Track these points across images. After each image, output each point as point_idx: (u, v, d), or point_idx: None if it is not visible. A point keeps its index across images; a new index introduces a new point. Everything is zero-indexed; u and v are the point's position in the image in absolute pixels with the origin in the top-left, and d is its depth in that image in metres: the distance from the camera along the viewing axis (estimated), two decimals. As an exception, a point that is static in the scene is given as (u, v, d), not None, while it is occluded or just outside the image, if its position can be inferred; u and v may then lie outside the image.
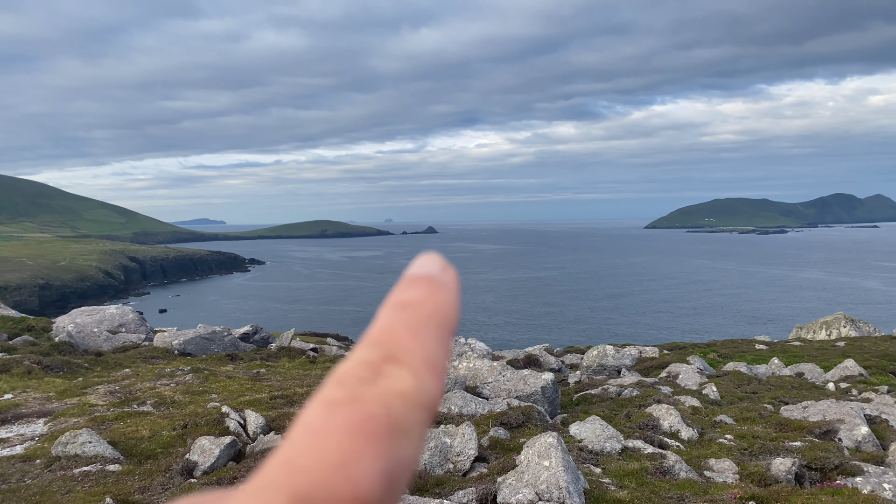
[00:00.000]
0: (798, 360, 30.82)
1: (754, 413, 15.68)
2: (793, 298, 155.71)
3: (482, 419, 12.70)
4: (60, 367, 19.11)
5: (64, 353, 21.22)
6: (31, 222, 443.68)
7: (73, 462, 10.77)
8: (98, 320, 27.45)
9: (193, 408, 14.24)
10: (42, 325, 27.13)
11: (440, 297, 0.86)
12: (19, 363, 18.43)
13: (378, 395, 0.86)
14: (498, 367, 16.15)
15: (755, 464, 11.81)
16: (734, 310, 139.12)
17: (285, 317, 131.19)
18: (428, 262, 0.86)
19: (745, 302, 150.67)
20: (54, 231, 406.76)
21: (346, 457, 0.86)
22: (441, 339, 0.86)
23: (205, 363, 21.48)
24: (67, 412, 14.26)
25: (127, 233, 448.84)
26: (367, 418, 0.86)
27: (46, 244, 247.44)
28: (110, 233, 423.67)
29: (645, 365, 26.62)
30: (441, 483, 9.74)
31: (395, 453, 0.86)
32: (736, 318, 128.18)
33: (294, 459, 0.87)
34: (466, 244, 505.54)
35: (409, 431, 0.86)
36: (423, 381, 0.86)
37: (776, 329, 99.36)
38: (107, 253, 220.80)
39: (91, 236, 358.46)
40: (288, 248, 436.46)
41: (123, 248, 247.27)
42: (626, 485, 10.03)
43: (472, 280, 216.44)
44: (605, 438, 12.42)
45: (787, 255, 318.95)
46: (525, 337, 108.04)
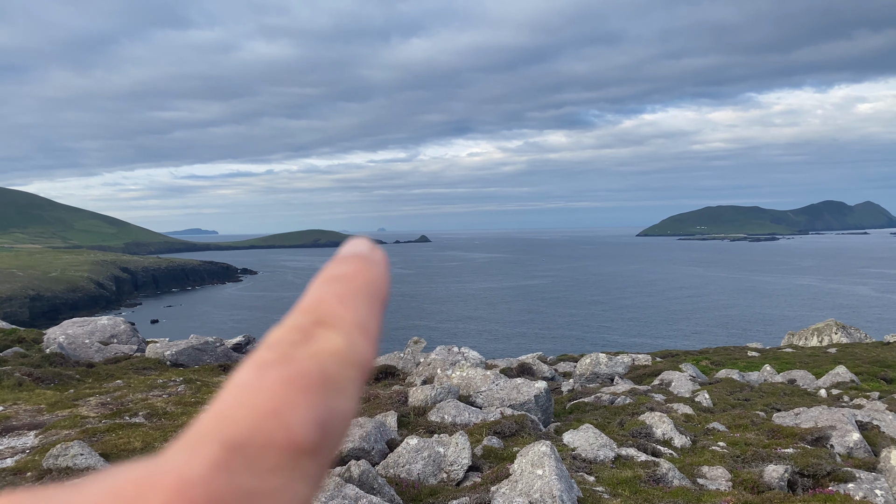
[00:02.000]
0: (790, 366, 30.94)
1: (747, 420, 15.73)
2: (785, 305, 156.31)
3: (475, 428, 12.70)
4: (52, 379, 18.99)
5: (55, 365, 21.10)
6: (22, 233, 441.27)
7: (65, 475, 10.70)
8: (89, 331, 27.30)
9: (186, 419, 14.17)
10: (33, 336, 26.96)
11: (370, 271, 0.87)
12: (10, 375, 18.30)
13: (310, 354, 0.87)
14: (491, 375, 16.14)
15: (748, 471, 11.84)
16: (726, 317, 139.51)
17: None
18: (358, 243, 0.87)
19: (737, 309, 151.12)
20: (45, 242, 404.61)
21: (279, 407, 0.86)
22: (372, 308, 0.87)
23: (197, 374, 21.39)
24: (58, 424, 14.17)
25: (118, 243, 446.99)
26: (299, 374, 0.87)
27: (37, 255, 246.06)
28: (102, 243, 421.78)
29: (638, 373, 26.66)
30: (435, 492, 9.74)
31: (330, 405, 0.86)
32: (728, 325, 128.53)
33: (225, 412, 0.86)
34: (459, 253, 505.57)
35: (342, 386, 0.87)
36: (354, 342, 0.87)
37: (768, 336, 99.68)
38: (98, 264, 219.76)
39: (82, 247, 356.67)
40: (280, 258, 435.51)
41: (115, 259, 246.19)
42: (619, 493, 10.04)
43: (464, 289, 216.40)
44: (599, 447, 12.44)
45: (779, 262, 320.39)
46: (517, 345, 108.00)
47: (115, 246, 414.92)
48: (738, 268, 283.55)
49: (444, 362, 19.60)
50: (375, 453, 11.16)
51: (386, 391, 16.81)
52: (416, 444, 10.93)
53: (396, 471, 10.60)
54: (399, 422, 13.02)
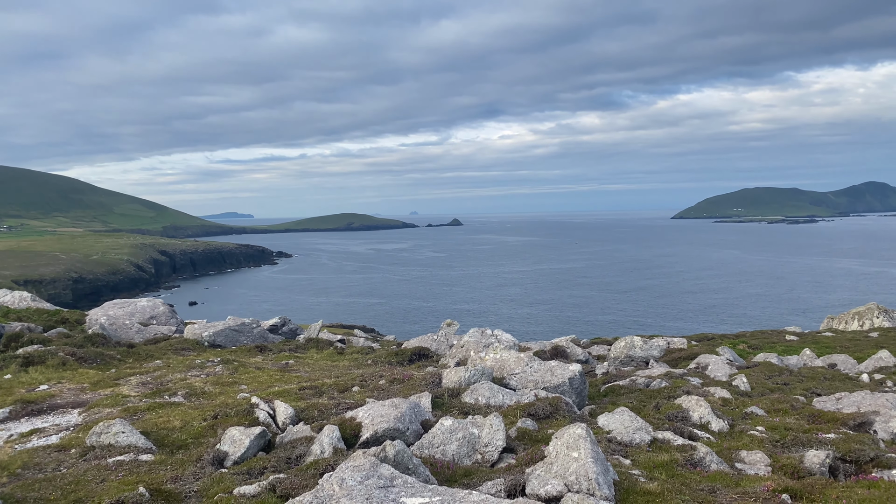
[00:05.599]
0: (830, 350, 30.31)
1: (786, 405, 15.44)
2: (824, 288, 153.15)
3: (510, 410, 12.67)
4: (94, 359, 19.44)
5: (97, 345, 21.60)
6: (65, 217, 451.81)
7: (107, 452, 10.96)
8: (130, 313, 27.89)
9: (223, 398, 14.40)
10: (76, 317, 27.64)
11: None
12: (54, 354, 18.79)
13: None
14: (525, 358, 16.08)
15: (788, 456, 11.63)
16: (763, 300, 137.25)
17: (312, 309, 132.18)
18: None
19: (775, 292, 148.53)
20: (86, 225, 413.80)
21: None
22: None
23: (234, 354, 21.72)
24: (101, 403, 14.52)
25: (157, 227, 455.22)
26: None
27: (79, 239, 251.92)
28: (141, 227, 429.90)
29: (673, 356, 26.36)
30: (469, 473, 9.74)
31: None
32: (765, 308, 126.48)
33: None
34: (492, 236, 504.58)
35: None
36: None
37: (807, 320, 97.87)
38: (137, 247, 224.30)
39: (122, 230, 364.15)
40: (315, 241, 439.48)
41: (154, 242, 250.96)
42: (656, 476, 9.93)
43: (498, 272, 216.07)
44: (634, 430, 12.32)
45: (818, 244, 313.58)
46: (550, 328, 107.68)
47: (153, 229, 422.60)
48: (777, 250, 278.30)
49: (477, 344, 19.60)
50: (410, 434, 11.20)
51: (420, 373, 16.88)
52: (451, 425, 10.94)
53: (431, 451, 10.63)
54: (433, 403, 13.05)
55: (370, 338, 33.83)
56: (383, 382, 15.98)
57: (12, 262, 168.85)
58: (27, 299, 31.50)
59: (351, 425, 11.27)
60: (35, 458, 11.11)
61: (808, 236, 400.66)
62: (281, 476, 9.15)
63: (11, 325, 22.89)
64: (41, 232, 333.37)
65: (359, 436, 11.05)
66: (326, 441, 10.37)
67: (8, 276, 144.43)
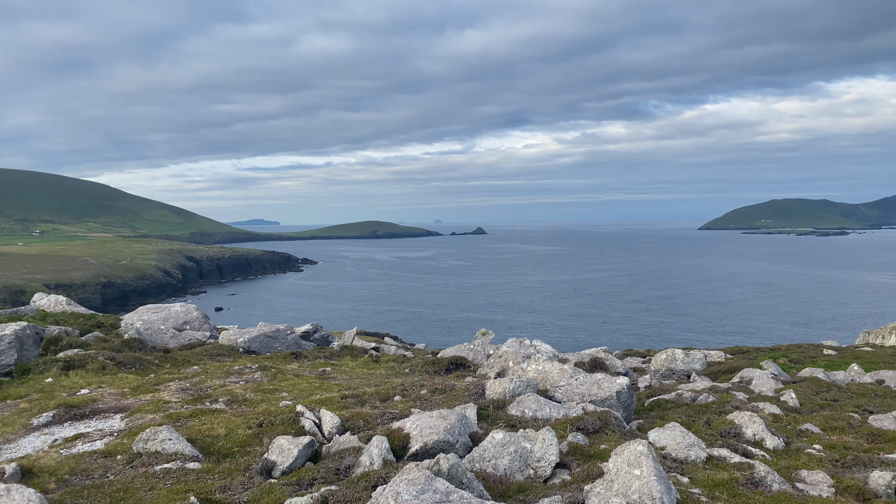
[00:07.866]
0: (873, 366, 29.46)
1: (842, 422, 14.92)
2: (857, 302, 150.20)
3: (558, 424, 12.34)
4: (132, 364, 19.44)
5: (134, 350, 21.62)
6: (95, 222, 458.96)
7: (154, 459, 10.83)
8: (164, 318, 27.96)
9: (266, 406, 14.24)
10: (111, 321, 27.76)
11: None
12: (94, 359, 18.81)
13: None
14: (568, 370, 15.74)
15: (851, 477, 11.17)
16: (795, 313, 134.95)
17: (338, 315, 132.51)
18: None
19: (806, 306, 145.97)
20: (116, 231, 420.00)
21: None
22: None
23: (270, 361, 21.61)
24: (143, 408, 14.44)
25: (184, 233, 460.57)
26: None
27: (108, 244, 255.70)
28: (168, 233, 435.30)
29: (713, 370, 25.80)
30: (523, 489, 9.45)
31: None
32: (796, 322, 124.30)
33: None
34: (516, 245, 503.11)
35: None
36: None
37: (840, 334, 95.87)
38: (165, 252, 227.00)
39: (150, 236, 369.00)
40: (340, 249, 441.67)
41: (181, 248, 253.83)
42: (717, 496, 9.57)
43: (521, 281, 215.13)
44: (687, 446, 11.94)
45: (850, 257, 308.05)
46: (575, 339, 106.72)
47: (180, 235, 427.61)
48: (806, 263, 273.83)
49: (515, 355, 19.27)
50: (460, 447, 10.93)
51: (461, 383, 16.60)
52: (502, 438, 10.65)
53: (482, 465, 10.35)
54: (478, 415, 12.78)
55: (401, 346, 33.62)
56: (425, 392, 15.72)
57: (44, 267, 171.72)
58: (62, 303, 31.75)
59: (399, 436, 11.02)
60: (82, 463, 11.01)
61: (839, 249, 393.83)
62: (332, 488, 8.93)
63: (50, 329, 23.00)
64: (72, 237, 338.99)
65: (407, 447, 10.80)
66: (376, 452, 10.14)
67: (40, 279, 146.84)
